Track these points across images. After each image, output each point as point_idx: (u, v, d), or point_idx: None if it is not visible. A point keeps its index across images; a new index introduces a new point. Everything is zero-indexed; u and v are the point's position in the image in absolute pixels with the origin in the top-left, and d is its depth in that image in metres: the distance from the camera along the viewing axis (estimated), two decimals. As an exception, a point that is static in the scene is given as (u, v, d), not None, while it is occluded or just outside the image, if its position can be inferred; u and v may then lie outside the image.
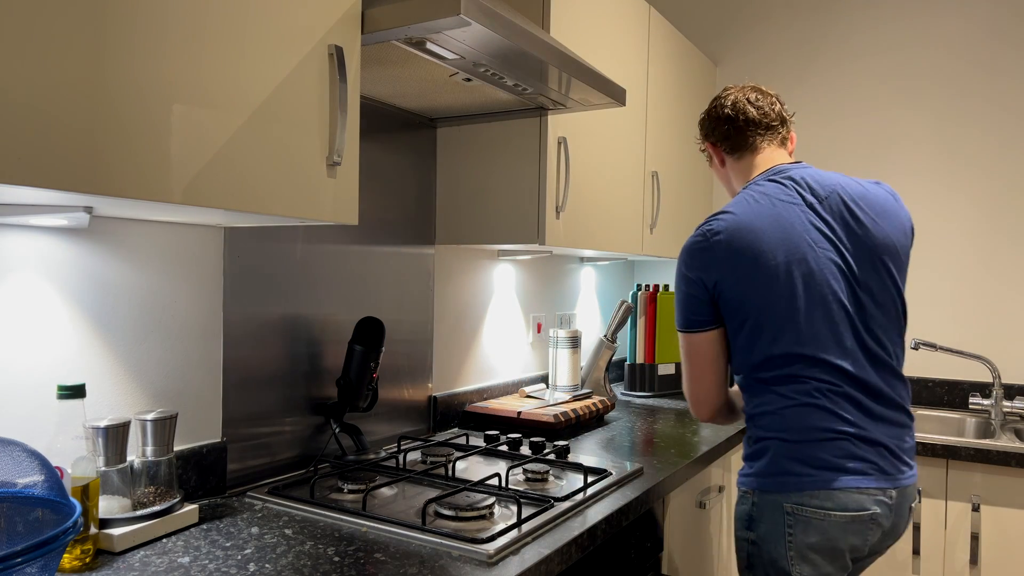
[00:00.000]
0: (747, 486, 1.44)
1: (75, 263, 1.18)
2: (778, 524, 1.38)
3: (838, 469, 1.35)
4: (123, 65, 0.85)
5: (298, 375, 1.57)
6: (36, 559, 0.73)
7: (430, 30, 1.21)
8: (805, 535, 1.36)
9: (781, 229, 1.39)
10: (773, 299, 1.37)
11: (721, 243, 1.40)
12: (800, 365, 1.38)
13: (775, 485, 1.39)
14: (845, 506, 1.34)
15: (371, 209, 1.77)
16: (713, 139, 1.60)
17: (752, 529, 1.42)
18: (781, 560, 1.39)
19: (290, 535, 1.19)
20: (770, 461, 1.40)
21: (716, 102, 1.58)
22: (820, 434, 1.36)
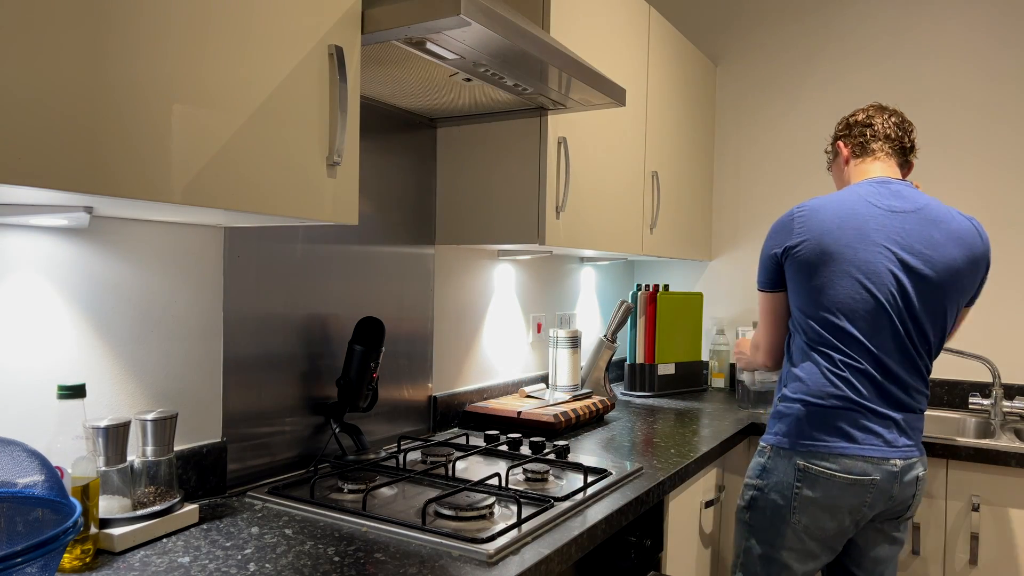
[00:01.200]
0: (767, 442, 1.67)
1: (75, 263, 1.18)
2: (788, 477, 1.60)
3: (848, 438, 1.57)
4: (123, 65, 0.85)
5: (298, 375, 1.57)
6: (36, 559, 0.73)
7: (430, 30, 1.21)
8: (811, 490, 1.57)
9: (856, 219, 1.59)
10: (830, 275, 1.59)
11: (802, 218, 1.64)
12: (835, 336, 1.59)
13: (792, 445, 1.61)
14: (849, 470, 1.55)
15: (371, 209, 1.77)
16: (846, 140, 1.79)
17: (762, 478, 1.65)
18: (783, 508, 1.61)
19: (290, 535, 1.19)
20: (793, 423, 1.62)
21: (861, 114, 1.79)
22: (838, 403, 1.57)
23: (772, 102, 2.97)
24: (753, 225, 3.02)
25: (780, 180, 2.96)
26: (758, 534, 1.65)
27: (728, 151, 3.06)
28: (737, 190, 3.05)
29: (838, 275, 1.58)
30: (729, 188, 3.06)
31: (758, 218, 3.01)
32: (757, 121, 3.00)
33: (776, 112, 2.96)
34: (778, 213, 2.97)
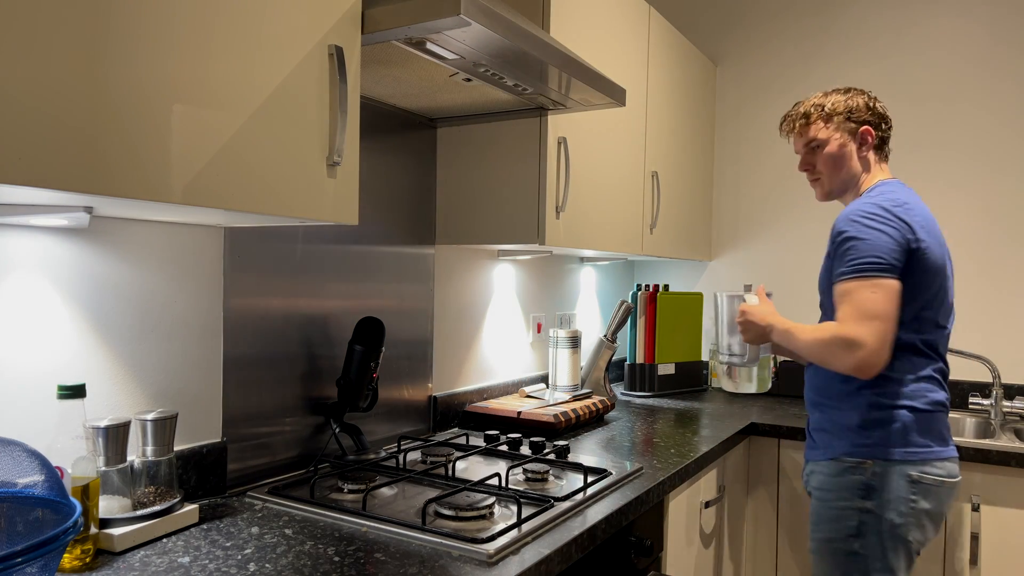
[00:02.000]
0: (867, 455, 1.53)
1: (75, 263, 1.18)
2: (902, 492, 1.49)
3: (945, 440, 1.55)
4: (123, 65, 0.85)
5: (298, 375, 1.57)
6: (36, 559, 0.73)
7: (430, 30, 1.21)
8: (926, 501, 1.50)
9: (936, 226, 1.60)
10: (943, 280, 1.57)
11: (910, 214, 1.54)
12: (939, 341, 1.59)
13: (904, 455, 1.50)
14: (951, 473, 1.53)
15: (371, 209, 1.77)
16: (875, 129, 1.69)
17: (869, 498, 1.51)
18: (900, 527, 1.49)
19: (290, 535, 1.19)
20: (898, 430, 1.52)
21: (879, 105, 1.70)
22: (940, 408, 1.55)
23: (772, 102, 2.97)
24: (753, 225, 3.02)
25: (780, 180, 2.96)
26: (875, 562, 1.50)
27: (728, 151, 3.06)
28: (737, 190, 3.04)
29: (945, 280, 1.58)
30: (729, 188, 3.06)
31: (758, 218, 3.01)
32: (757, 121, 3.00)
33: (776, 112, 2.96)
34: (778, 213, 2.97)
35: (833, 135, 1.67)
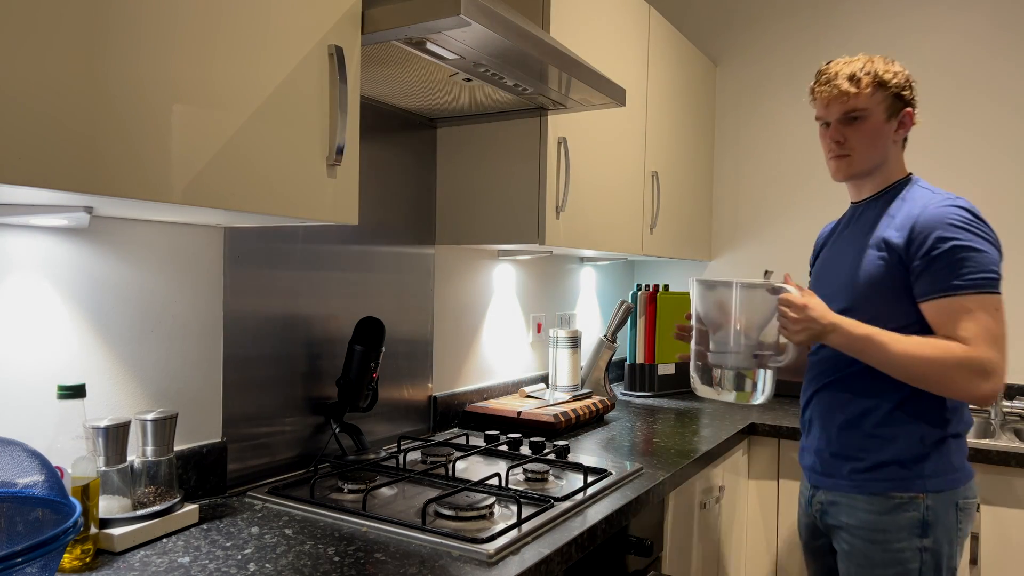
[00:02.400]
0: (919, 489, 1.39)
1: (75, 263, 1.18)
2: (952, 522, 1.40)
3: (969, 460, 1.55)
4: (123, 65, 0.85)
5: (298, 375, 1.57)
6: (36, 559, 0.73)
7: (430, 30, 1.21)
8: (967, 525, 1.43)
9: None
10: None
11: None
12: None
13: (951, 483, 1.40)
14: (977, 492, 1.47)
15: (371, 209, 1.77)
16: (913, 109, 1.49)
17: (927, 535, 1.38)
18: (952, 558, 1.40)
19: (290, 535, 1.19)
20: (944, 459, 1.41)
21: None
22: (969, 428, 1.48)
23: (772, 102, 2.97)
24: (753, 225, 3.02)
25: (780, 180, 2.96)
26: None
27: (728, 151, 3.06)
28: (737, 190, 3.04)
29: None
30: (729, 188, 3.06)
31: (758, 218, 3.01)
32: (757, 121, 3.00)
33: (776, 112, 2.96)
34: (778, 213, 2.97)
35: (878, 108, 1.45)
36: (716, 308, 1.43)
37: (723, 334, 1.43)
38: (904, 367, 1.33)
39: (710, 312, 1.43)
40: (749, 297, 1.41)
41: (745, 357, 1.42)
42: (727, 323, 1.42)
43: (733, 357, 1.42)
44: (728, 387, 1.44)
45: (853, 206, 1.59)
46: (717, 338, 1.43)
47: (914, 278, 1.38)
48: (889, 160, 1.50)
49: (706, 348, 1.45)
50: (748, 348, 1.42)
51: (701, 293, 1.46)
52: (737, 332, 1.42)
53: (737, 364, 1.43)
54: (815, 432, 1.55)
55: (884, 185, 1.52)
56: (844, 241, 1.55)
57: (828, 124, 1.50)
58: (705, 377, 1.47)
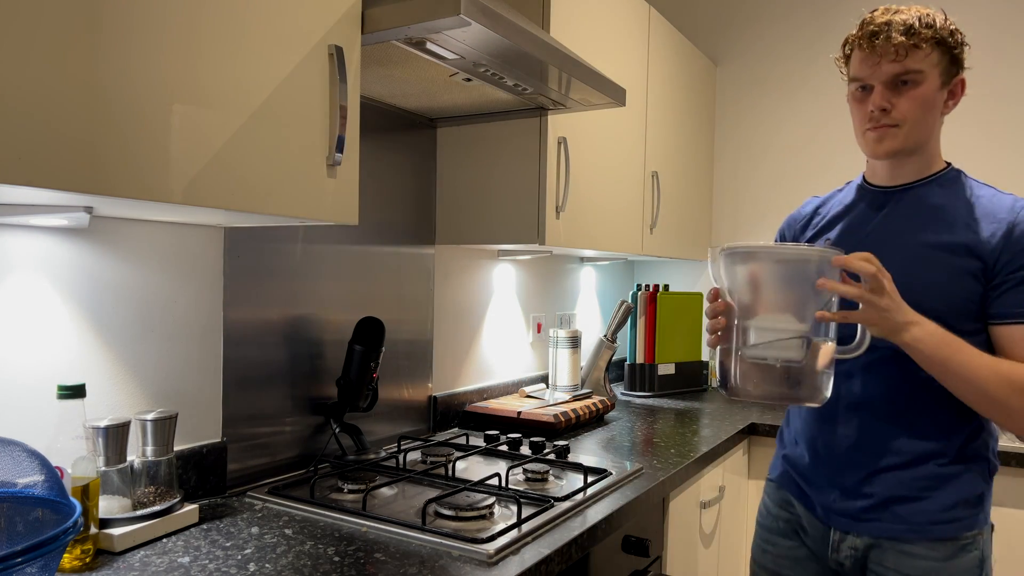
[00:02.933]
0: (982, 525, 1.24)
1: (75, 263, 1.18)
2: (990, 549, 1.26)
3: None
4: (123, 65, 0.85)
5: (298, 375, 1.57)
6: (36, 559, 0.73)
7: (430, 30, 1.21)
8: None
9: None
10: None
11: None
12: None
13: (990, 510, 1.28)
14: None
15: (371, 209, 1.77)
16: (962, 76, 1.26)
17: (983, 570, 1.24)
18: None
19: (290, 535, 1.19)
20: (990, 490, 1.27)
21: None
22: None
23: (772, 102, 2.97)
24: (753, 225, 3.02)
25: (780, 180, 2.96)
26: None
27: (728, 151, 3.06)
28: (737, 190, 3.04)
29: None
30: (729, 188, 3.06)
31: (758, 218, 3.01)
32: (757, 121, 3.00)
33: (776, 111, 2.96)
34: (778, 212, 2.97)
35: (934, 71, 1.20)
36: (752, 283, 1.12)
37: (767, 318, 1.12)
38: (987, 388, 1.11)
39: (742, 293, 1.14)
40: (798, 271, 1.10)
41: (797, 347, 1.11)
42: (772, 303, 1.12)
43: (781, 348, 1.11)
44: (775, 383, 1.13)
45: (879, 192, 1.32)
46: (759, 321, 1.12)
47: (997, 293, 1.17)
48: (934, 138, 1.27)
49: (739, 340, 1.15)
50: (801, 334, 1.11)
51: (730, 269, 1.15)
52: (786, 314, 1.12)
53: (789, 356, 1.11)
54: (837, 464, 1.29)
55: (929, 171, 1.28)
56: (882, 232, 1.28)
57: (866, 88, 1.24)
58: (748, 376, 1.15)
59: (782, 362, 1.12)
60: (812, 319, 1.10)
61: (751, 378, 1.14)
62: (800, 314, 1.10)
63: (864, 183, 1.36)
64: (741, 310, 1.14)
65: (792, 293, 1.10)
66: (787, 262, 1.10)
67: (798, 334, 1.10)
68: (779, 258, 1.10)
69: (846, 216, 1.35)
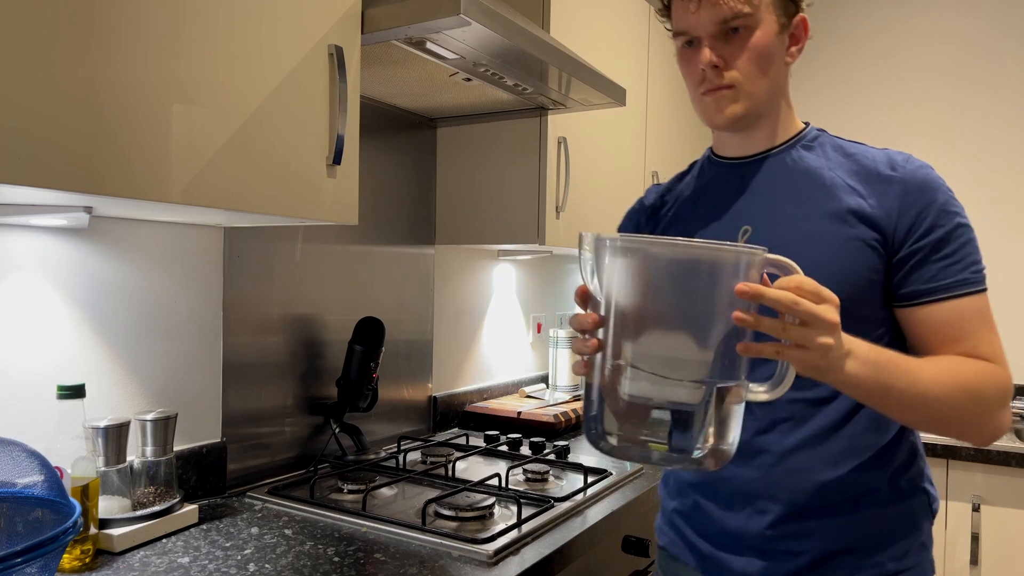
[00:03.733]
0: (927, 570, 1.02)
1: (75, 263, 1.18)
2: None
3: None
4: (122, 65, 0.85)
5: (298, 375, 1.57)
6: (36, 559, 0.72)
7: (430, 30, 1.21)
8: None
9: None
10: None
11: None
12: None
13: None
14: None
15: (371, 209, 1.77)
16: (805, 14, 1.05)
17: None
18: None
19: (290, 535, 1.19)
20: (931, 531, 1.06)
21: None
22: None
23: (772, 102, 2.97)
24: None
25: (780, 180, 2.96)
26: None
27: (728, 151, 3.05)
28: (737, 190, 3.04)
29: None
30: (729, 188, 3.06)
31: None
32: (757, 121, 2.99)
33: (776, 112, 2.96)
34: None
35: (768, 13, 0.99)
36: (640, 291, 0.75)
37: (654, 339, 0.75)
38: (938, 406, 0.87)
39: (629, 299, 0.76)
40: (711, 273, 0.74)
41: (694, 387, 0.74)
42: (665, 319, 0.75)
43: (673, 386, 0.74)
44: (658, 436, 0.76)
45: (734, 165, 1.08)
46: (643, 345, 0.75)
47: (907, 269, 0.94)
48: (783, 95, 1.07)
49: (616, 365, 0.76)
50: (702, 366, 0.74)
51: (614, 265, 0.76)
52: (683, 336, 0.74)
53: (681, 398, 0.75)
54: (745, 516, 1.00)
55: (788, 134, 1.07)
56: (750, 211, 1.03)
57: (693, 43, 1.02)
58: (616, 421, 0.77)
59: (669, 404, 0.74)
60: (718, 345, 0.74)
61: (626, 425, 0.77)
62: (701, 336, 0.74)
63: (713, 156, 1.12)
64: (619, 323, 0.76)
65: (694, 307, 0.74)
66: (690, 263, 0.74)
67: (696, 365, 0.74)
68: (679, 256, 0.74)
69: (701, 200, 1.09)
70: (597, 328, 0.76)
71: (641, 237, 0.75)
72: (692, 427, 0.75)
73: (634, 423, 0.76)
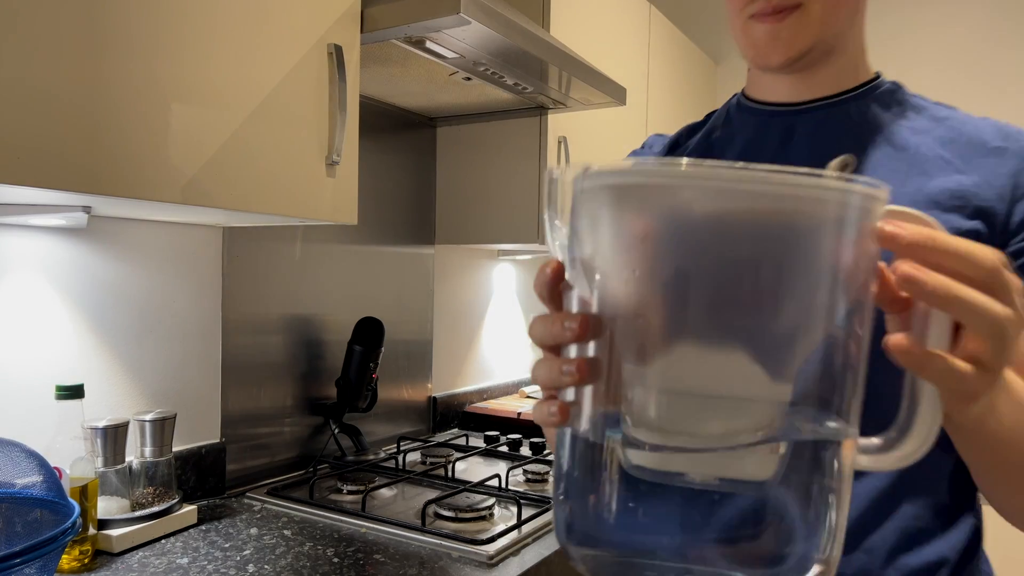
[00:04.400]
0: None
1: (74, 263, 1.18)
2: None
3: None
4: (121, 64, 0.85)
5: (297, 375, 1.56)
6: (35, 560, 0.72)
7: (430, 29, 1.20)
8: None
9: None
10: None
11: None
12: None
13: None
14: None
15: (370, 209, 1.77)
16: None
17: None
18: None
19: (289, 536, 1.18)
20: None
21: None
22: None
23: (772, 102, 2.96)
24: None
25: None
26: None
27: (728, 151, 3.05)
28: (737, 190, 3.04)
29: None
30: (729, 188, 3.05)
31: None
32: (757, 121, 2.99)
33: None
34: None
35: None
36: (667, 266, 0.36)
37: (687, 362, 0.36)
38: None
39: (630, 290, 0.37)
40: (794, 235, 0.35)
41: (763, 452, 0.37)
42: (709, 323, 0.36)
43: (725, 450, 0.37)
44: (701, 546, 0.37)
45: (777, 115, 0.80)
46: (668, 377, 0.37)
47: (1014, 269, 0.68)
48: (857, 33, 0.77)
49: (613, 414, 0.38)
50: (776, 410, 0.36)
51: (601, 224, 0.38)
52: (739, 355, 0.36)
53: (741, 472, 0.37)
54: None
55: (855, 81, 0.78)
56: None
57: None
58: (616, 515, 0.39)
59: (718, 483, 0.37)
60: (806, 369, 0.37)
61: (642, 520, 0.39)
62: (776, 352, 0.36)
63: (747, 102, 0.85)
64: (623, 332, 0.38)
65: (769, 296, 0.36)
66: (764, 213, 0.35)
67: (765, 408, 0.37)
68: (741, 197, 0.34)
69: (726, 158, 0.83)
70: (586, 337, 0.39)
71: (667, 162, 0.35)
72: (764, 524, 0.37)
73: (651, 520, 0.38)
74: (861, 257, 0.37)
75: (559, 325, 0.39)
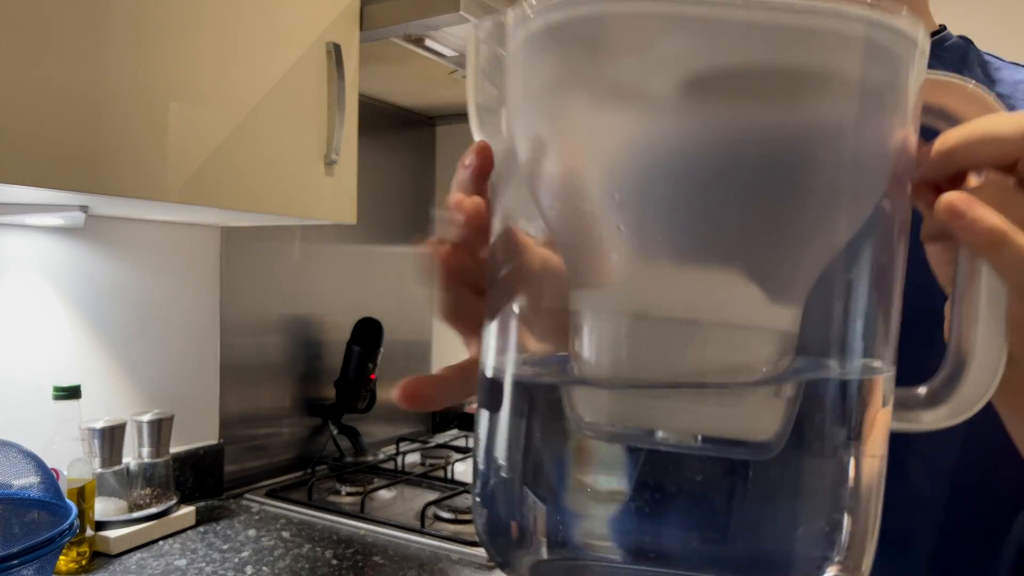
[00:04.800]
0: None
1: (71, 263, 1.17)
2: None
3: None
4: (118, 63, 0.84)
5: (295, 376, 1.56)
6: (32, 561, 0.72)
7: (429, 27, 1.20)
8: None
9: None
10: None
11: None
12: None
13: None
14: None
15: (370, 208, 1.76)
16: None
17: None
18: None
19: (287, 538, 1.18)
20: None
21: None
22: None
23: (771, 102, 2.96)
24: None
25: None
26: None
27: (727, 151, 3.05)
28: (736, 190, 3.04)
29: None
30: (728, 188, 3.06)
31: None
32: (756, 121, 2.99)
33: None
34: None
35: None
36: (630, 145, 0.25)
37: (661, 278, 0.25)
38: None
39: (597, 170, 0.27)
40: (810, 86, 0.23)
41: (763, 395, 0.25)
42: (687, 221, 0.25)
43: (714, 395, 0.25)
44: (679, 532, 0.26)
45: None
46: (634, 294, 0.26)
47: None
48: None
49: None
50: (781, 341, 0.25)
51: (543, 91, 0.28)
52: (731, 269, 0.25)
53: (737, 427, 0.25)
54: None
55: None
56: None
57: None
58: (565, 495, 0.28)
59: (707, 447, 0.26)
60: (831, 287, 0.26)
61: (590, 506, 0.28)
62: (779, 268, 0.26)
63: None
64: (574, 237, 0.29)
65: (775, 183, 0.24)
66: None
67: (767, 337, 0.25)
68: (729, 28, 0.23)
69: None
70: (490, 172, 0.33)
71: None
72: (762, 510, 0.26)
73: (607, 497, 0.28)
74: (896, 128, 0.26)
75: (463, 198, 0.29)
